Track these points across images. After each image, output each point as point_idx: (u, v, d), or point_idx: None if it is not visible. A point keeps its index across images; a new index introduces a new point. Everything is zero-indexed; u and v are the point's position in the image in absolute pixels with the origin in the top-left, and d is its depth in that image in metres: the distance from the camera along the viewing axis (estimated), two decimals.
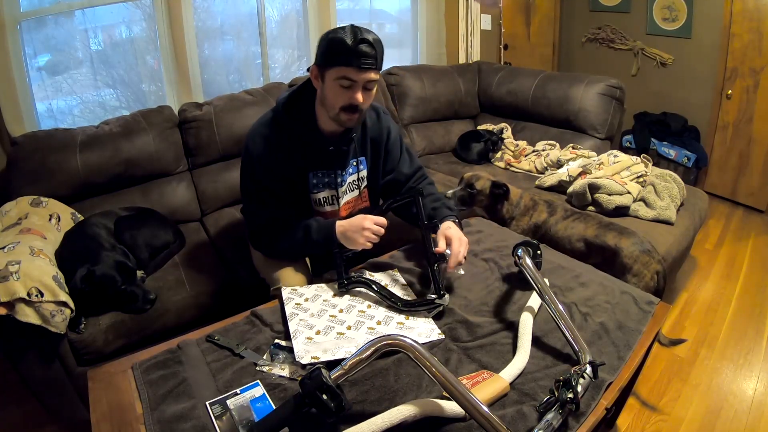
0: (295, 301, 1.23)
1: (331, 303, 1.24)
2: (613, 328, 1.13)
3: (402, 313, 1.20)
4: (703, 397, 1.70)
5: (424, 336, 1.12)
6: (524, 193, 1.90)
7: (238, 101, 2.27)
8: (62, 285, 1.39)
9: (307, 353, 1.02)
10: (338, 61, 1.17)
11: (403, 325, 1.17)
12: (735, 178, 3.25)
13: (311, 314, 1.18)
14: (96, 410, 0.93)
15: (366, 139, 1.43)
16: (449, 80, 3.03)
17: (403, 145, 1.54)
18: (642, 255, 1.58)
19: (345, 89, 1.20)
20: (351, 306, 1.23)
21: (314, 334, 1.10)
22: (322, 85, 1.24)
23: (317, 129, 1.33)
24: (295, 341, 1.07)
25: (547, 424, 0.83)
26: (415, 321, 1.18)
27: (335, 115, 1.25)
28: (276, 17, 2.79)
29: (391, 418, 0.83)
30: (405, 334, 1.08)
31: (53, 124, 2.19)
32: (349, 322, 1.16)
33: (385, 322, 1.17)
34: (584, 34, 3.96)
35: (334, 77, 1.19)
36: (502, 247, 1.50)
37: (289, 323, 1.13)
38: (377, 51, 1.18)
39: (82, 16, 2.19)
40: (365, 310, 1.22)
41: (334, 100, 1.22)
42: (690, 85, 3.40)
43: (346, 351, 1.03)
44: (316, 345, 1.06)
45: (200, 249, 1.92)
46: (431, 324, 1.17)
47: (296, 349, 1.04)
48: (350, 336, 1.11)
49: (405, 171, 1.51)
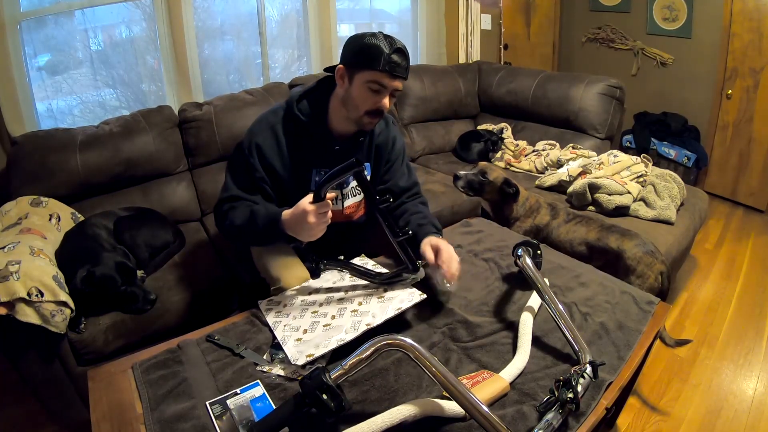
0: (274, 311, 1.22)
1: (310, 301, 1.24)
2: (613, 328, 1.13)
3: (380, 286, 1.21)
4: (703, 397, 1.70)
5: (407, 301, 1.14)
6: (530, 194, 1.90)
7: (238, 101, 2.27)
8: (62, 285, 1.39)
9: (301, 354, 1.03)
10: (372, 65, 1.18)
11: (384, 297, 1.18)
12: (735, 178, 3.25)
13: (293, 317, 1.18)
14: (96, 410, 0.93)
15: (372, 145, 1.44)
16: (449, 80, 3.03)
17: (405, 158, 1.54)
18: (645, 256, 1.58)
19: (373, 93, 1.22)
20: (329, 298, 1.23)
21: (302, 334, 1.10)
22: (349, 86, 1.24)
23: (327, 128, 1.34)
24: (285, 347, 1.07)
25: (547, 424, 0.83)
26: (394, 291, 1.19)
27: (358, 117, 1.27)
28: (276, 17, 2.79)
29: (391, 418, 0.83)
30: (386, 304, 1.12)
31: (53, 124, 2.19)
32: (332, 312, 1.17)
33: (366, 300, 1.18)
34: (584, 34, 3.96)
35: (365, 80, 1.21)
36: (502, 247, 1.50)
37: (275, 332, 1.13)
38: (408, 62, 1.22)
39: (82, 16, 2.19)
40: (344, 296, 1.23)
41: (360, 102, 1.24)
42: (690, 85, 3.40)
43: (337, 339, 1.04)
44: (307, 343, 1.06)
45: (200, 249, 1.92)
46: (410, 288, 1.19)
47: (289, 354, 1.04)
48: (336, 324, 1.11)
49: (401, 184, 1.49)
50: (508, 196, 1.84)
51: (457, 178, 1.89)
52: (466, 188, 1.88)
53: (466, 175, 1.88)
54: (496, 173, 1.86)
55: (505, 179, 1.84)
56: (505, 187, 1.83)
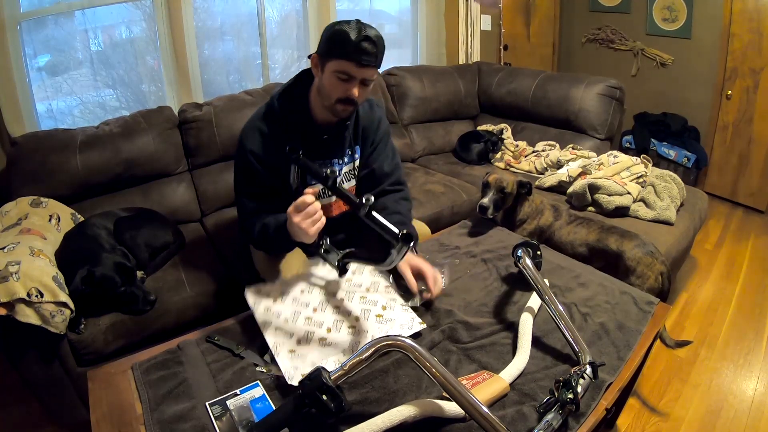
0: (263, 304, 1.16)
1: (302, 301, 1.18)
2: (613, 328, 1.13)
3: (378, 303, 1.18)
4: (703, 397, 1.70)
5: (406, 327, 1.11)
6: (534, 194, 1.87)
7: (238, 101, 2.27)
8: (62, 285, 1.39)
9: (296, 370, 0.98)
10: (339, 54, 1.17)
11: (382, 317, 1.14)
12: (735, 178, 3.25)
13: (285, 320, 1.12)
14: (96, 410, 0.94)
15: (359, 128, 1.45)
16: (449, 80, 3.03)
17: (390, 141, 1.55)
18: (645, 257, 1.58)
19: (342, 82, 1.21)
20: (324, 303, 1.18)
21: (296, 345, 1.05)
22: (321, 74, 1.25)
23: (311, 118, 1.34)
24: (278, 358, 1.01)
25: (547, 424, 0.83)
26: (393, 312, 1.15)
27: (330, 105, 1.27)
28: (276, 17, 2.79)
29: (391, 418, 0.83)
30: (386, 327, 1.09)
31: (53, 124, 2.19)
32: (328, 323, 1.11)
33: (363, 316, 1.13)
34: (584, 34, 3.96)
35: (333, 69, 1.20)
36: (502, 248, 1.50)
37: (265, 335, 1.07)
38: (378, 49, 1.19)
39: (82, 16, 2.19)
40: (340, 305, 1.17)
41: (331, 91, 1.24)
42: (690, 86, 3.40)
43: (334, 360, 1.01)
44: (302, 359, 1.02)
45: (200, 249, 1.92)
46: (410, 313, 1.16)
47: (283, 369, 0.99)
48: (333, 340, 1.07)
49: (385, 168, 1.48)
50: (521, 196, 1.80)
51: (484, 208, 1.68)
52: (494, 211, 1.71)
53: (490, 200, 1.71)
54: (510, 183, 1.75)
55: (518, 182, 1.77)
56: (520, 189, 1.77)
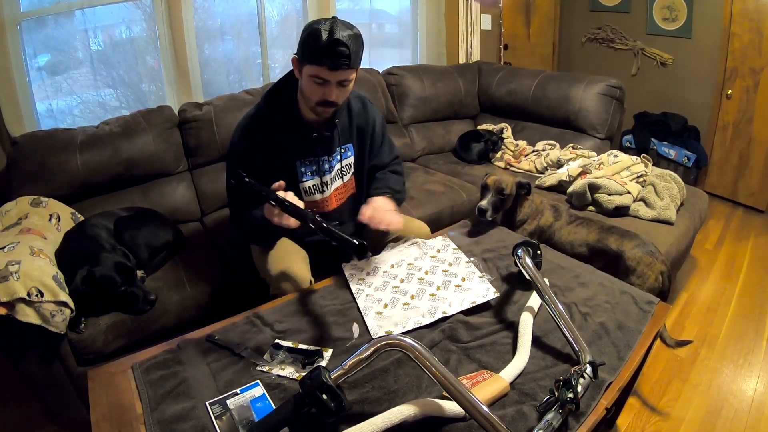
0: (357, 277, 1.33)
1: (392, 274, 1.34)
2: (613, 328, 1.13)
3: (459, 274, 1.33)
4: (703, 397, 1.70)
5: (482, 296, 1.22)
6: (534, 195, 1.88)
7: (238, 101, 2.27)
8: (62, 285, 1.39)
9: (381, 328, 1.14)
10: (312, 59, 1.17)
11: (461, 287, 1.27)
12: (735, 178, 3.25)
13: (375, 288, 1.28)
14: (96, 410, 0.94)
15: (352, 126, 1.45)
16: (449, 80, 3.02)
17: (386, 135, 1.59)
18: (645, 256, 1.57)
19: (319, 86, 1.21)
20: (410, 275, 1.34)
21: (382, 308, 1.21)
22: (301, 77, 1.26)
23: (300, 117, 1.35)
24: (366, 318, 1.18)
25: (547, 424, 0.83)
26: (471, 282, 1.29)
27: (312, 107, 1.28)
28: (276, 17, 2.79)
29: (391, 418, 0.83)
30: (462, 295, 1.24)
31: (53, 124, 2.19)
32: (412, 291, 1.27)
33: (444, 286, 1.28)
34: (584, 34, 3.96)
35: (309, 74, 1.21)
36: (501, 247, 1.50)
37: (357, 300, 1.24)
38: (351, 50, 1.16)
39: (82, 16, 2.19)
40: (424, 276, 1.33)
41: (310, 94, 1.25)
42: (690, 85, 3.40)
43: (414, 321, 1.15)
44: (387, 319, 1.16)
45: (200, 249, 1.92)
46: (486, 284, 1.28)
47: (369, 325, 1.15)
48: (415, 305, 1.21)
49: (384, 160, 1.57)
50: (520, 197, 1.80)
51: (483, 211, 1.68)
52: (494, 213, 1.72)
53: (489, 202, 1.70)
54: (507, 181, 1.75)
55: (517, 183, 1.76)
56: (519, 190, 1.77)
